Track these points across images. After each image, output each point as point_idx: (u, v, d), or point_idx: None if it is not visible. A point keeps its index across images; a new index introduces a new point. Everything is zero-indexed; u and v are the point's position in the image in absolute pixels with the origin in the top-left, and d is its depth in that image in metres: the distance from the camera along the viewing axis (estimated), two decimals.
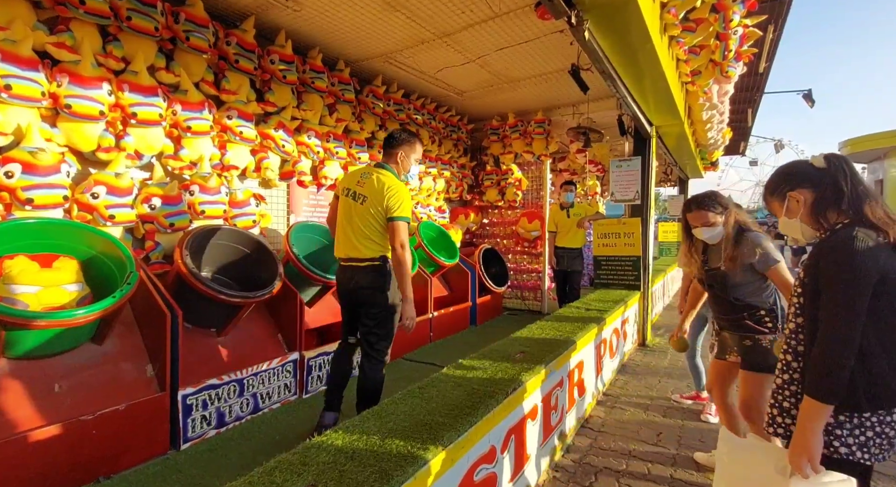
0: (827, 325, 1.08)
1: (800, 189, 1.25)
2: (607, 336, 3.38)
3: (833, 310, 1.07)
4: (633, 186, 4.59)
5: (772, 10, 4.13)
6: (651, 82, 3.49)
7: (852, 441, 1.08)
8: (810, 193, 1.23)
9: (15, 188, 2.25)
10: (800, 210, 1.25)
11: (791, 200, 1.26)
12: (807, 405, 1.08)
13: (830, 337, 1.06)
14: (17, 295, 2.01)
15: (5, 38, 2.24)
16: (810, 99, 9.13)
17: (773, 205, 1.34)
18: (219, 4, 3.25)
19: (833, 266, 1.08)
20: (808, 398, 1.08)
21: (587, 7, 2.38)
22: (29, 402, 1.97)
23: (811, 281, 1.15)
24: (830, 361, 1.04)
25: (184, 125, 2.99)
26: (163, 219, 2.85)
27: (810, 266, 1.17)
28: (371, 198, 2.35)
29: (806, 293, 1.18)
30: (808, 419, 1.08)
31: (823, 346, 1.07)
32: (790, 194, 1.26)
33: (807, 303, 1.17)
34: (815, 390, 1.07)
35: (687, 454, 2.42)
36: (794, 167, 1.30)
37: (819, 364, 1.07)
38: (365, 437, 1.34)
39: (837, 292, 1.06)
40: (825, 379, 1.05)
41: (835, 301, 1.06)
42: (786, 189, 1.28)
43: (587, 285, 7.57)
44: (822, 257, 1.13)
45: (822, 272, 1.11)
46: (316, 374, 3.16)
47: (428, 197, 5.81)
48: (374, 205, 2.33)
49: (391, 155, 2.47)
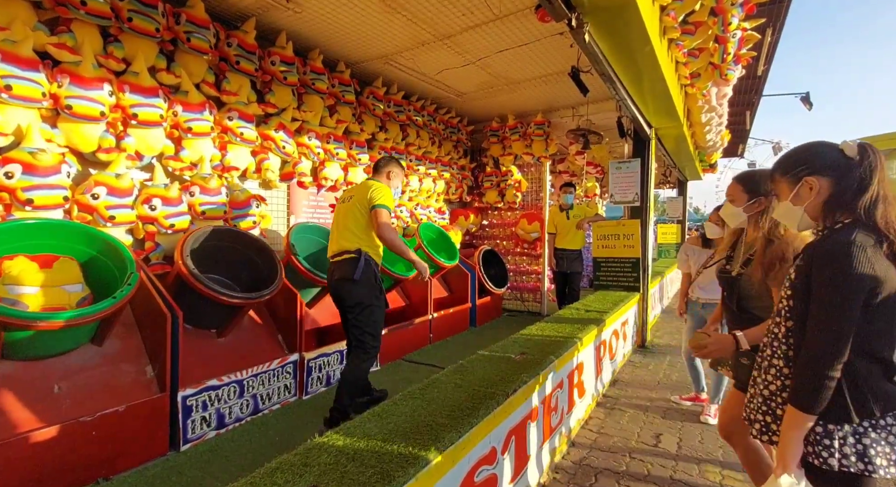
0: (815, 334, 1.02)
1: (819, 176, 1.10)
2: (607, 337, 3.38)
3: (822, 319, 1.01)
4: (633, 188, 4.60)
5: (770, 13, 4.16)
6: (650, 84, 3.51)
7: (848, 450, 1.00)
8: (829, 184, 1.09)
9: (15, 188, 2.25)
10: (810, 199, 1.11)
11: (805, 186, 1.12)
12: (788, 413, 1.04)
13: (818, 348, 1.00)
14: (17, 295, 2.01)
15: (6, 39, 2.24)
16: (808, 102, 9.17)
17: (781, 185, 1.19)
18: (220, 6, 3.26)
19: (827, 271, 1.01)
20: (790, 407, 1.04)
21: (587, 10, 2.39)
22: (29, 403, 1.97)
23: (803, 283, 1.08)
24: (816, 372, 0.99)
25: (184, 126, 2.99)
26: (163, 220, 2.85)
27: (802, 267, 1.09)
28: (357, 196, 2.63)
29: (797, 295, 1.10)
30: (788, 427, 1.04)
31: (809, 356, 1.01)
32: (807, 179, 1.11)
33: (798, 306, 1.10)
34: (797, 401, 1.02)
35: (687, 454, 2.42)
36: (819, 150, 1.13)
37: (804, 374, 1.02)
38: (366, 438, 1.34)
39: (829, 300, 1.00)
40: (810, 390, 1.00)
41: (825, 309, 1.00)
42: (804, 172, 1.12)
43: (586, 286, 7.58)
44: (816, 260, 1.05)
45: (815, 276, 1.04)
46: (316, 375, 3.16)
47: (428, 198, 5.82)
48: (358, 200, 2.59)
49: (380, 172, 2.79)
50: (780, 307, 1.16)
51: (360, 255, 2.52)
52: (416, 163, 5.42)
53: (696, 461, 2.38)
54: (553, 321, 3.09)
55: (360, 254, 2.52)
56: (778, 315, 1.17)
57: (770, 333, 1.20)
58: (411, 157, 5.36)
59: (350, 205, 2.61)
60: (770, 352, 1.18)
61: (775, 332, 1.17)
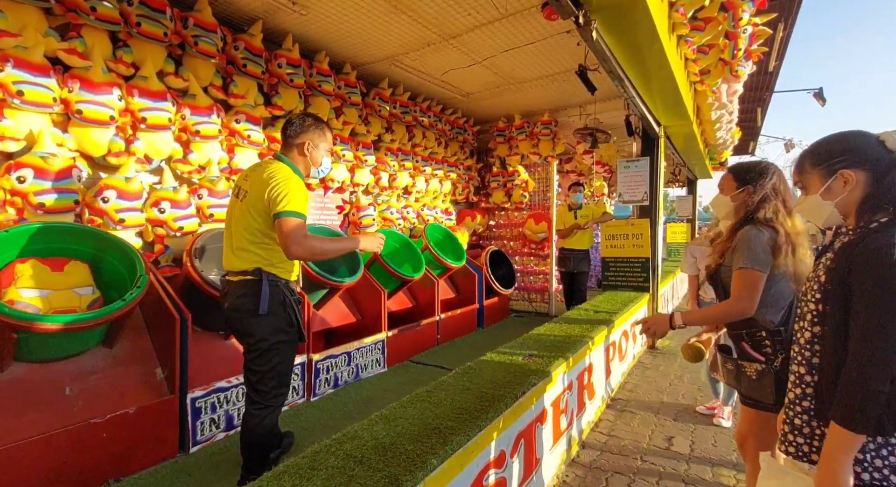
0: (861, 345, 0.92)
1: (856, 169, 1.01)
2: (616, 338, 3.34)
3: (870, 328, 0.91)
4: (642, 187, 4.55)
5: (782, 7, 4.08)
6: (659, 82, 3.47)
7: (880, 463, 0.92)
8: (867, 178, 1.00)
9: (27, 192, 2.28)
10: (843, 194, 1.03)
11: (839, 179, 1.03)
12: (835, 433, 0.93)
13: (866, 360, 0.91)
14: (29, 298, 2.03)
15: (17, 45, 2.27)
16: (821, 97, 8.99)
17: (812, 177, 1.09)
18: (227, 9, 3.28)
19: (873, 276, 0.92)
20: (836, 426, 0.92)
21: (595, 7, 2.36)
22: (42, 405, 1.99)
23: (837, 287, 0.99)
24: (865, 386, 0.90)
25: (192, 129, 3.01)
26: (172, 222, 2.87)
27: (836, 270, 1.00)
28: (252, 192, 1.82)
29: (828, 300, 1.01)
30: (837, 449, 0.92)
31: (857, 370, 0.92)
32: (842, 172, 1.02)
33: (830, 311, 1.00)
34: (846, 418, 0.91)
35: (700, 457, 2.38)
36: (858, 141, 1.04)
37: (851, 388, 0.92)
38: (374, 441, 1.33)
39: (877, 307, 0.90)
40: (858, 406, 0.90)
41: (873, 317, 0.91)
42: (840, 164, 1.03)
43: (594, 287, 7.52)
44: (855, 263, 0.95)
45: (858, 281, 0.95)
46: (324, 377, 3.16)
47: (434, 199, 5.81)
48: (253, 200, 1.80)
49: (292, 145, 1.94)
50: (805, 311, 1.09)
51: (262, 278, 1.80)
52: (422, 163, 5.42)
53: (709, 464, 2.33)
54: (561, 322, 3.06)
55: (260, 276, 1.80)
56: (802, 319, 1.10)
57: (793, 338, 1.13)
58: (417, 158, 5.35)
59: (243, 208, 1.83)
60: (790, 357, 1.12)
61: (797, 338, 1.11)
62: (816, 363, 1.05)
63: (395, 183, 4.99)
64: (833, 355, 1.00)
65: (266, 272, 1.83)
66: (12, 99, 2.25)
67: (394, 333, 3.74)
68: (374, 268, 3.88)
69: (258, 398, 1.87)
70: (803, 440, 1.07)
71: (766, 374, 1.46)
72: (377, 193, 4.96)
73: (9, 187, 2.25)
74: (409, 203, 5.37)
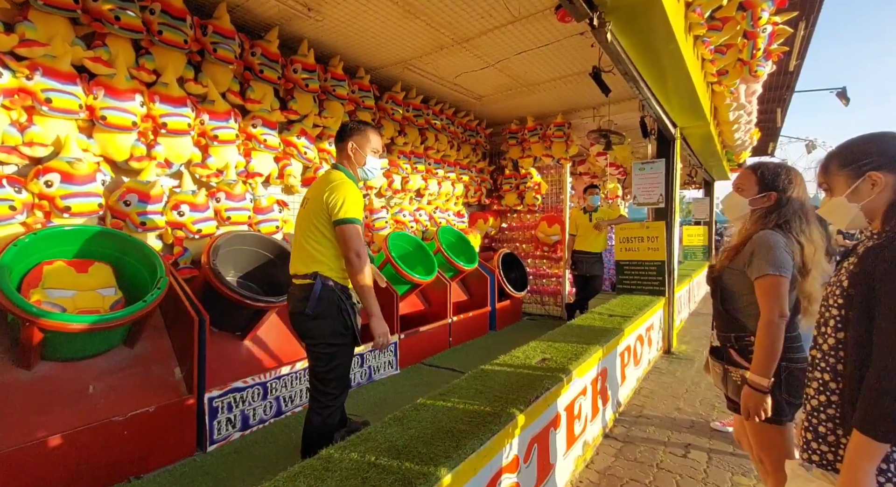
0: (886, 352, 0.90)
1: (886, 172, 0.99)
2: (631, 343, 3.30)
3: (893, 335, 0.89)
4: (657, 189, 4.48)
5: (803, 6, 3.99)
6: (675, 83, 3.42)
7: None
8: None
9: (54, 196, 2.36)
10: (870, 196, 1.01)
11: (867, 182, 1.01)
12: (858, 441, 0.91)
13: (888, 367, 0.89)
14: (55, 299, 2.10)
15: (46, 54, 2.36)
16: (845, 97, 8.75)
17: (838, 178, 1.07)
18: (244, 16, 3.35)
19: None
20: (859, 434, 0.91)
21: (609, 8, 2.34)
22: (66, 403, 2.05)
23: (861, 292, 0.97)
24: (889, 394, 0.88)
25: (211, 134, 3.08)
26: (191, 225, 2.94)
27: (860, 275, 0.98)
28: (313, 199, 1.95)
29: (852, 305, 0.99)
30: (860, 457, 0.91)
31: (881, 377, 0.90)
32: (871, 173, 1.00)
33: (854, 317, 0.99)
34: (868, 426, 0.89)
35: (717, 466, 2.33)
36: (889, 142, 1.02)
37: (875, 396, 0.90)
38: (388, 444, 1.34)
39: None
40: (881, 414, 0.88)
41: (895, 324, 0.89)
42: (869, 166, 1.01)
43: (609, 290, 7.42)
44: (881, 268, 0.93)
45: (885, 287, 0.92)
46: None
47: (447, 201, 5.82)
48: (314, 206, 1.92)
49: (341, 151, 2.07)
50: (827, 317, 1.07)
51: (317, 281, 1.89)
52: (434, 166, 5.44)
53: (728, 471, 2.28)
54: (575, 325, 3.03)
55: (319, 280, 1.88)
56: (824, 325, 1.08)
57: (814, 344, 1.11)
58: (430, 161, 5.37)
59: (306, 213, 1.96)
60: (814, 365, 1.09)
61: (819, 343, 1.09)
62: (841, 370, 1.03)
63: (408, 185, 5.02)
64: (857, 361, 0.98)
65: (322, 276, 1.90)
66: (41, 106, 2.33)
67: (406, 336, 3.76)
68: (387, 271, 3.90)
69: (321, 398, 1.97)
70: (828, 448, 1.05)
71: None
72: (390, 196, 4.99)
73: (37, 191, 2.34)
74: (421, 205, 5.39)
